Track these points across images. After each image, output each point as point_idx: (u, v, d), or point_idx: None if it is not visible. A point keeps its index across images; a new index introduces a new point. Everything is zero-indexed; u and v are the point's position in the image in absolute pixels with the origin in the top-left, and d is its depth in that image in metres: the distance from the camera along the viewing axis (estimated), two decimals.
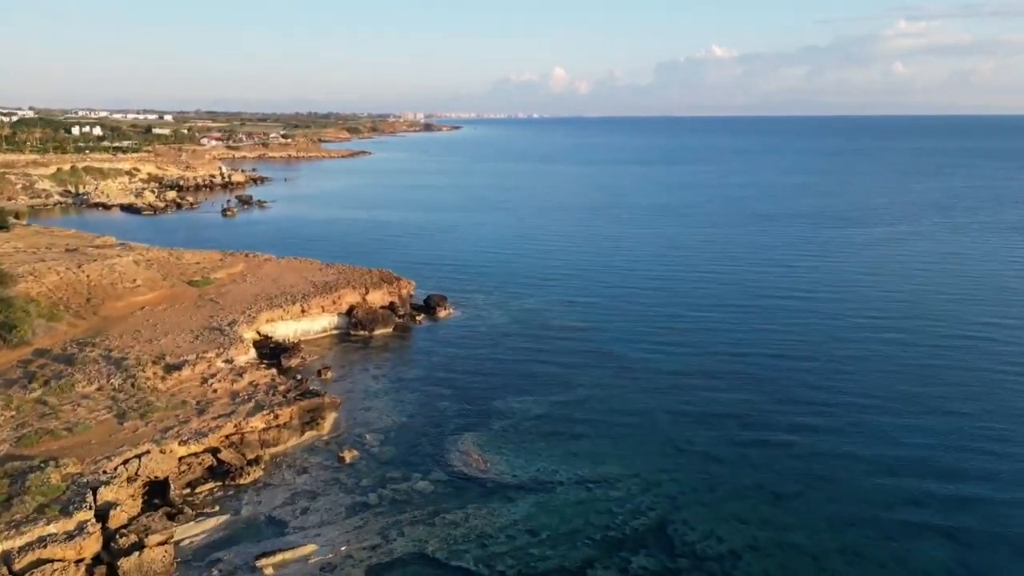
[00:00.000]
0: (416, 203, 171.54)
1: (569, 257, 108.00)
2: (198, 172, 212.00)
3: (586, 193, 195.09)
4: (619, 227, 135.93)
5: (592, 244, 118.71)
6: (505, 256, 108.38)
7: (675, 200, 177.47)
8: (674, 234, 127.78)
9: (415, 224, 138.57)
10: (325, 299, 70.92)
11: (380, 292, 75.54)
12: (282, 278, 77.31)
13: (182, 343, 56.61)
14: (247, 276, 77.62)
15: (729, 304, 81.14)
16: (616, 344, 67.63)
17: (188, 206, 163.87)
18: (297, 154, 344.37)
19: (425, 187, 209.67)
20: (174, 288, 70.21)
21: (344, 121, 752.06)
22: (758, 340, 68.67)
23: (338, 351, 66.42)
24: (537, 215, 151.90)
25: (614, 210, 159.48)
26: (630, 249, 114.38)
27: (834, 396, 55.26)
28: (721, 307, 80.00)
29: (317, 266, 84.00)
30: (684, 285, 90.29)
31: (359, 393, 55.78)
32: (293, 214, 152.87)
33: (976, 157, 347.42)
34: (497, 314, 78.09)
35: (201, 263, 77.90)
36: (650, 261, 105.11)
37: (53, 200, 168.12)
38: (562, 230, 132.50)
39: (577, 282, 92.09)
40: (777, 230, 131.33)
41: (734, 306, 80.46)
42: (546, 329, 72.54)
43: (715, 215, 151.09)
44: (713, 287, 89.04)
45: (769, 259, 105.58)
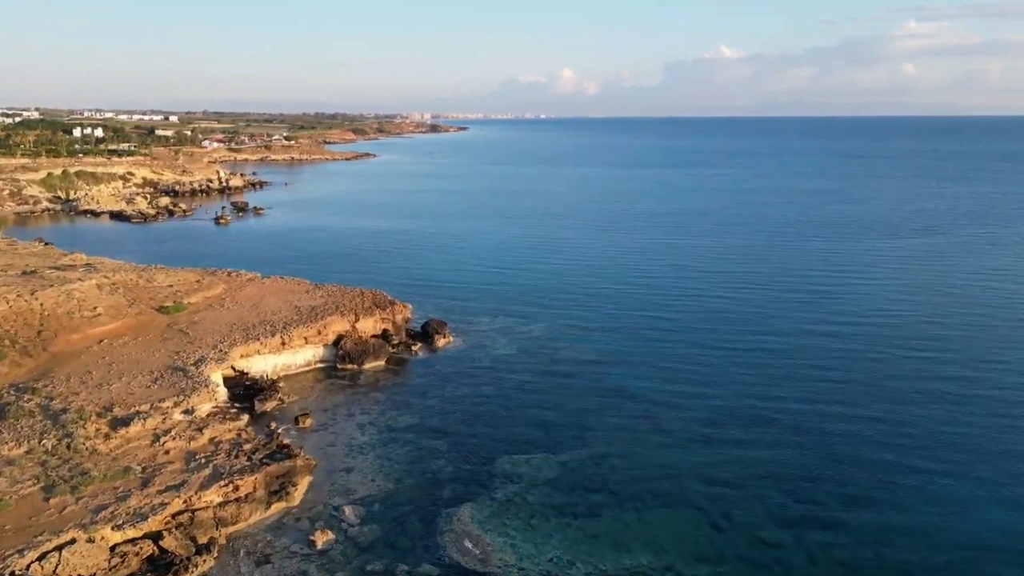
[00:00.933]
0: (418, 210, 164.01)
1: (580, 273, 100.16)
2: (195, 176, 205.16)
3: (596, 199, 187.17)
4: (632, 237, 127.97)
5: (605, 257, 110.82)
6: (511, 271, 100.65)
7: (690, 207, 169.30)
8: (692, 247, 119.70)
9: (416, 233, 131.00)
10: (309, 328, 63.33)
11: (372, 319, 67.90)
12: (264, 302, 69.78)
13: (137, 388, 49.07)
14: (225, 300, 70.12)
15: (759, 333, 73.07)
16: (635, 382, 59.76)
17: (181, 213, 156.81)
18: (300, 156, 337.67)
19: (428, 192, 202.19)
20: (140, 316, 62.74)
21: (350, 122, 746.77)
22: (795, 378, 60.68)
23: (322, 390, 58.79)
24: (545, 223, 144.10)
25: (626, 218, 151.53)
26: (646, 263, 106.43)
27: (896, 456, 47.22)
28: (749, 337, 71.95)
29: (304, 287, 76.45)
30: (707, 309, 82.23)
31: (341, 448, 48.09)
32: (289, 222, 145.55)
33: (996, 160, 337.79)
34: (502, 342, 70.38)
35: (175, 286, 70.42)
36: (668, 278, 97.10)
37: (41, 207, 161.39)
38: (572, 241, 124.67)
39: (590, 302, 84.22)
40: (803, 242, 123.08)
41: (765, 335, 72.40)
42: (556, 362, 64.73)
43: (734, 224, 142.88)
44: (739, 312, 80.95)
45: (800, 278, 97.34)
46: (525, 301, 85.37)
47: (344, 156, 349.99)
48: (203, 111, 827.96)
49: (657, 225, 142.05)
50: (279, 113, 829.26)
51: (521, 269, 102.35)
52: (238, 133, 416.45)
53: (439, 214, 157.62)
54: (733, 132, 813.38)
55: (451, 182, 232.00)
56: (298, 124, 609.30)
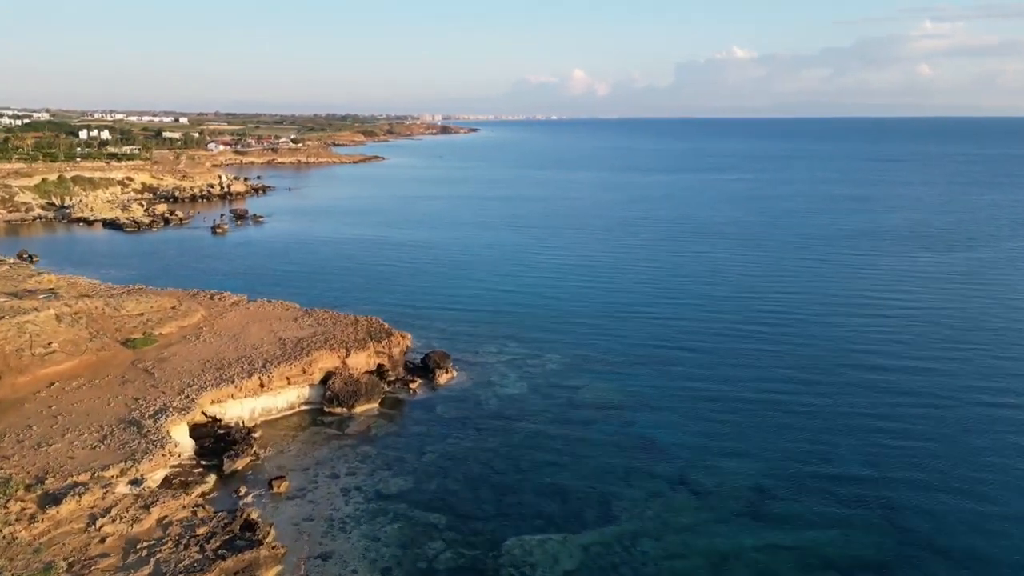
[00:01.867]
0: (424, 218, 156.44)
1: (598, 292, 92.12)
2: (195, 182, 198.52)
3: (613, 206, 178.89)
4: (654, 251, 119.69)
5: (624, 274, 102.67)
6: (521, 289, 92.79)
7: (713, 216, 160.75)
8: (719, 261, 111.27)
9: (421, 245, 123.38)
10: (293, 366, 55.73)
11: (364, 353, 60.23)
12: (246, 333, 62.26)
13: (79, 450, 41.62)
14: (203, 330, 62.66)
15: (803, 370, 64.74)
16: (665, 433, 51.77)
17: (177, 222, 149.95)
18: (307, 160, 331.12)
19: (436, 198, 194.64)
20: (102, 352, 55.36)
21: (361, 123, 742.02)
22: (852, 431, 52.45)
23: (304, 440, 51.13)
24: (558, 234, 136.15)
25: (646, 228, 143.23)
26: (671, 282, 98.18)
27: (989, 543, 38.99)
28: (792, 375, 63.69)
29: (293, 313, 68.95)
30: (741, 337, 73.97)
31: (319, 523, 40.38)
32: (288, 232, 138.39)
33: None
34: (511, 378, 62.60)
35: (146, 314, 63.03)
36: (696, 300, 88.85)
37: (33, 214, 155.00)
38: (588, 254, 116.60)
39: (609, 328, 76.19)
40: (838, 257, 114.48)
41: (809, 373, 64.10)
42: (573, 406, 56.82)
43: (760, 235, 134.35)
44: (777, 342, 72.62)
45: (842, 300, 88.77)
46: (537, 325, 77.57)
47: (352, 159, 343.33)
48: (215, 112, 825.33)
49: (680, 236, 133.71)
50: (290, 114, 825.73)
51: (532, 287, 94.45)
52: (245, 135, 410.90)
53: (446, 223, 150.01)
54: (747, 134, 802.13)
55: (460, 187, 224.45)
56: (308, 126, 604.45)
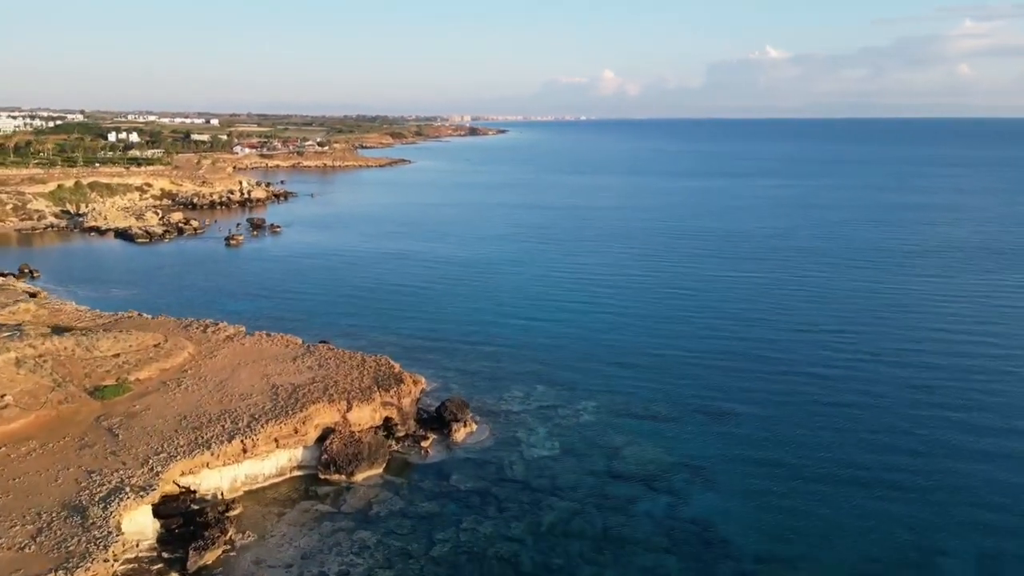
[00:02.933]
0: (447, 229, 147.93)
1: (637, 322, 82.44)
2: (215, 188, 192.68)
3: (650, 216, 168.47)
4: (698, 270, 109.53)
5: (666, 299, 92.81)
6: (551, 318, 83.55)
7: (759, 227, 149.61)
8: (771, 284, 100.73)
9: (441, 262, 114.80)
10: (284, 425, 47.32)
11: (369, 407, 51.61)
12: (235, 378, 54.05)
13: (6, 549, 33.48)
14: (187, 373, 54.59)
15: (895, 436, 54.57)
16: (728, 523, 42.29)
17: (191, 231, 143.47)
18: (333, 163, 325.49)
19: (460, 205, 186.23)
20: (64, 405, 47.52)
21: (389, 125, 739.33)
22: (963, 526, 42.50)
23: (292, 521, 42.58)
24: (590, 248, 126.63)
25: (687, 241, 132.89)
26: (718, 307, 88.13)
27: None
28: (879, 442, 53.57)
29: (292, 351, 60.69)
30: (810, 383, 63.88)
31: None
32: (305, 244, 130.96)
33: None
34: (540, 434, 53.62)
35: (124, 355, 55.15)
36: (749, 334, 78.60)
37: (46, 223, 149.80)
38: (625, 273, 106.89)
39: (652, 370, 66.71)
40: (912, 277, 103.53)
41: (904, 438, 54.03)
42: (615, 477, 47.54)
43: (818, 251, 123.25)
44: (856, 393, 62.30)
45: (923, 332, 78.00)
46: (568, 363, 68.47)
47: (378, 163, 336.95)
48: (247, 113, 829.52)
49: (726, 252, 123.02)
50: (321, 115, 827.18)
51: (562, 314, 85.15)
52: (272, 138, 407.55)
53: (470, 235, 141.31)
54: (783, 136, 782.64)
55: (486, 194, 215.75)
56: (336, 127, 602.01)
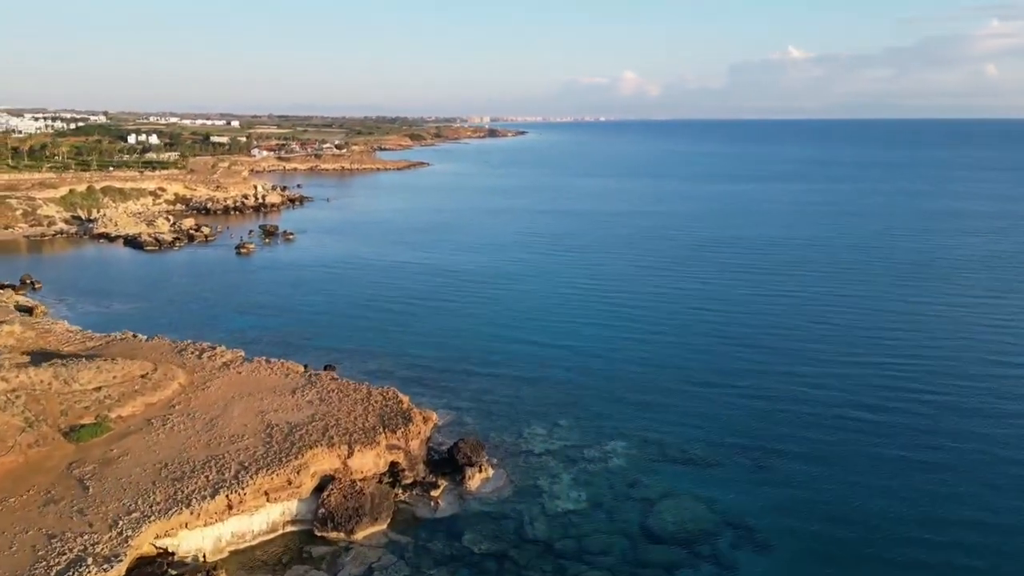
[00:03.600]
0: (464, 237, 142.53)
1: (669, 346, 76.17)
2: (229, 192, 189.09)
3: (676, 223, 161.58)
4: (733, 282, 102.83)
5: (697, 319, 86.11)
6: (575, 341, 77.62)
7: (793, 235, 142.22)
8: (810, 301, 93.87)
9: (458, 275, 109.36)
10: (276, 475, 42.05)
11: (372, 452, 46.21)
12: (226, 416, 48.92)
13: None
14: (175, 409, 49.56)
15: (962, 488, 48.27)
16: None
17: (202, 239, 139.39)
18: (351, 166, 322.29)
19: (481, 212, 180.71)
20: (35, 449, 42.63)
21: (409, 127, 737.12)
22: None
23: None
24: (616, 260, 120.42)
25: (717, 252, 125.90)
26: (759, 327, 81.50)
27: None
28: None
29: (293, 381, 55.52)
30: (867, 426, 57.57)
31: None
32: (318, 253, 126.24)
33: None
34: (565, 482, 47.97)
35: (106, 388, 50.23)
36: (788, 362, 72.14)
37: (56, 228, 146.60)
38: (653, 289, 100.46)
39: (687, 404, 60.68)
40: (965, 296, 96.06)
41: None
42: (651, 539, 41.69)
43: (857, 264, 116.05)
44: (916, 436, 56.07)
45: (988, 364, 71.31)
46: (594, 393, 62.75)
47: (396, 165, 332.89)
48: (268, 115, 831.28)
49: (762, 263, 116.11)
50: (341, 116, 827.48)
51: (586, 335, 79.19)
52: (290, 140, 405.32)
53: (488, 244, 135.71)
54: (808, 137, 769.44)
55: (507, 199, 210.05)
56: (356, 129, 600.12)
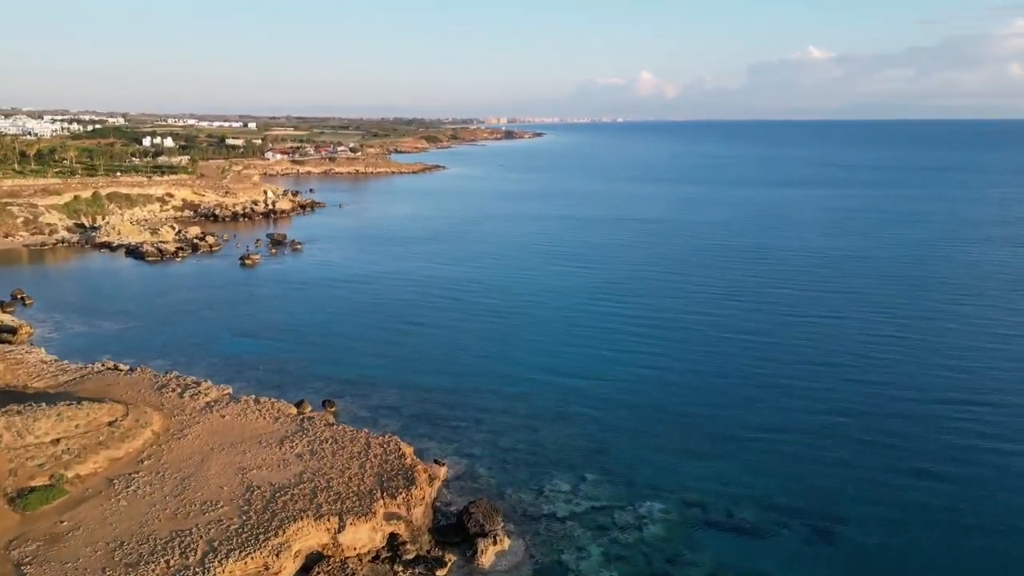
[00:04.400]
0: (478, 248, 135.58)
1: (707, 377, 68.70)
2: (238, 198, 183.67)
3: (706, 231, 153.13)
4: (771, 302, 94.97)
5: (741, 345, 78.29)
6: (601, 369, 70.46)
7: (833, 246, 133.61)
8: (869, 324, 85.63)
9: (471, 291, 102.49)
10: (252, 560, 35.33)
11: (369, 523, 39.38)
12: (201, 474, 42.34)
13: None
14: (143, 464, 43.08)
15: None
16: None
17: (207, 248, 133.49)
18: (365, 170, 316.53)
19: (494, 218, 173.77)
20: None
21: (425, 128, 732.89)
22: None
23: None
24: (644, 275, 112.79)
25: (753, 266, 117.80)
26: (805, 356, 73.55)
27: None
28: None
29: (282, 427, 48.89)
30: (946, 466, 49.93)
31: None
32: (325, 265, 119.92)
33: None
34: (594, 557, 41.14)
35: (66, 439, 43.82)
36: (855, 394, 64.48)
37: (58, 237, 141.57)
38: (687, 308, 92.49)
39: (734, 450, 53.35)
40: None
41: None
42: None
43: (908, 278, 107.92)
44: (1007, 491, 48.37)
45: None
46: (625, 439, 55.66)
47: (411, 169, 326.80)
48: (286, 116, 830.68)
49: (802, 279, 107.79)
50: (358, 118, 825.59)
51: (616, 362, 71.88)
52: (306, 142, 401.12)
53: (503, 256, 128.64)
54: (831, 139, 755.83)
55: (523, 205, 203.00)
56: (372, 131, 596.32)
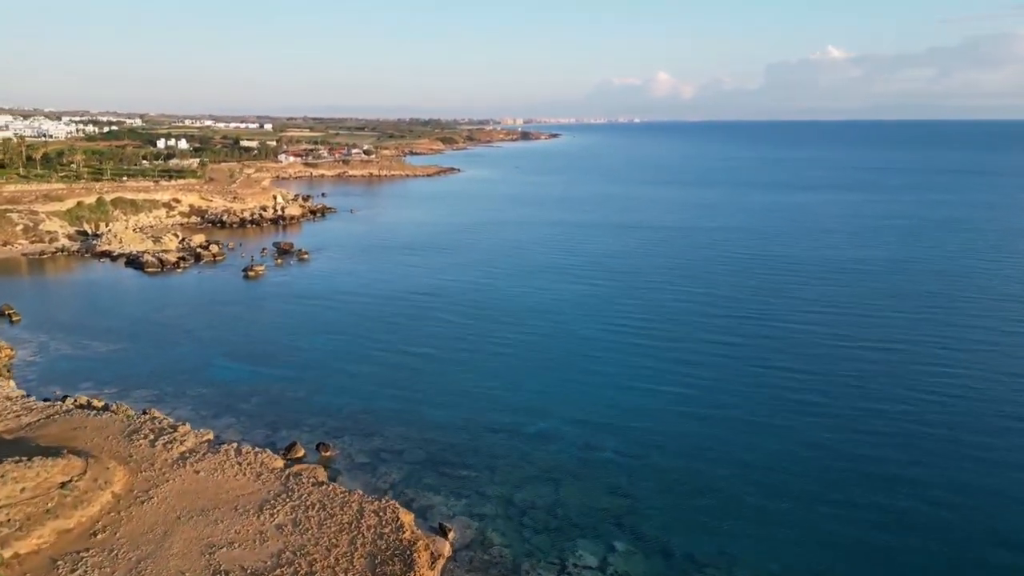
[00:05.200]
0: (495, 259, 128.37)
1: (752, 424, 60.92)
2: (247, 204, 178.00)
3: (734, 240, 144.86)
4: (823, 326, 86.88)
5: (786, 384, 70.15)
6: (625, 407, 62.96)
7: (873, 256, 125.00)
8: (929, 356, 77.96)
9: (486, 310, 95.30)
10: None
11: None
12: (162, 553, 35.45)
13: None
14: (96, 539, 36.30)
15: None
16: None
17: (210, 258, 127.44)
18: (379, 173, 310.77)
19: (510, 225, 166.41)
20: None
21: (441, 129, 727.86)
22: None
23: None
24: (672, 290, 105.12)
25: (790, 281, 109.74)
26: (866, 394, 65.81)
27: None
28: None
29: (263, 487, 41.98)
30: None
31: None
32: (331, 279, 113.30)
33: None
34: None
35: (10, 506, 37.05)
36: (944, 447, 56.75)
37: (58, 245, 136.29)
38: (724, 337, 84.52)
39: (794, 517, 45.59)
40: None
41: None
42: None
43: (962, 296, 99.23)
44: None
45: None
46: (659, 498, 48.23)
47: (426, 172, 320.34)
48: (303, 117, 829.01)
49: (854, 298, 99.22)
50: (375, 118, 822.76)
51: (643, 402, 64.26)
52: (319, 144, 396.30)
53: (522, 269, 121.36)
54: (852, 140, 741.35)
55: (541, 211, 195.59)
56: (387, 132, 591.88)
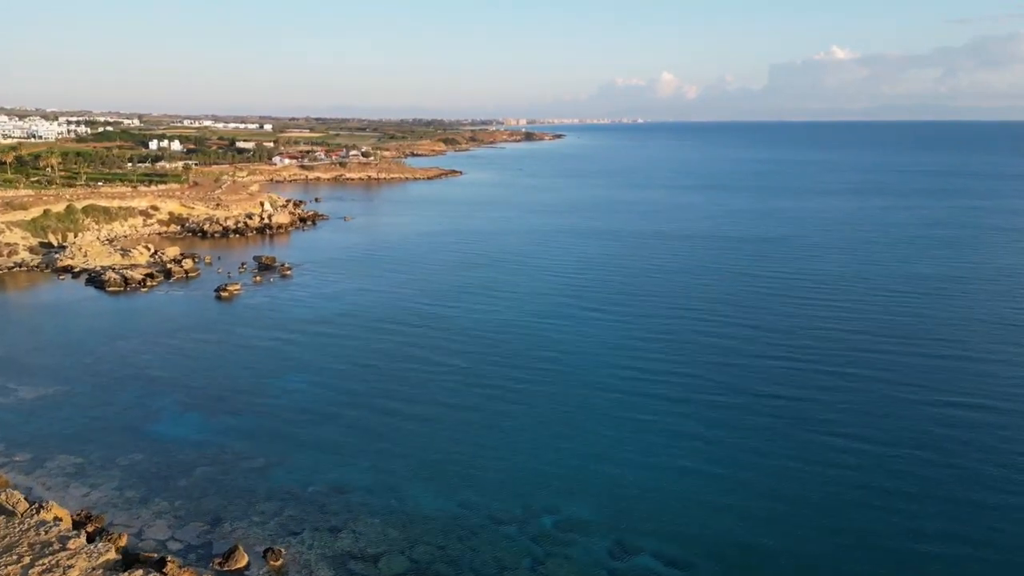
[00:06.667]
0: (497, 278, 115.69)
1: (799, 481, 48.25)
2: (231, 211, 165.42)
3: (756, 252, 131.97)
4: (868, 362, 74.08)
5: (834, 434, 57.94)
6: (661, 499, 50.20)
7: (913, 271, 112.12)
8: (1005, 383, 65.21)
9: (486, 345, 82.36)
10: None
11: None
12: None
13: None
14: None
15: None
16: None
17: (181, 275, 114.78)
18: (378, 175, 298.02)
19: (513, 234, 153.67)
20: None
21: (444, 130, 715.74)
22: None
23: None
24: (694, 316, 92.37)
25: (827, 301, 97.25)
26: (926, 447, 53.08)
27: None
28: None
29: None
30: None
31: None
32: (313, 301, 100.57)
33: None
34: None
35: None
36: None
37: (16, 259, 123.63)
38: (754, 376, 72.21)
39: None
40: None
41: None
42: None
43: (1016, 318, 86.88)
44: None
45: None
46: None
47: (427, 174, 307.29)
48: (305, 117, 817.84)
49: (889, 323, 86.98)
50: (378, 119, 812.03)
51: (689, 480, 51.27)
52: (317, 145, 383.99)
53: (524, 287, 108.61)
54: (861, 141, 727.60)
55: (546, 218, 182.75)
56: (389, 133, 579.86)
